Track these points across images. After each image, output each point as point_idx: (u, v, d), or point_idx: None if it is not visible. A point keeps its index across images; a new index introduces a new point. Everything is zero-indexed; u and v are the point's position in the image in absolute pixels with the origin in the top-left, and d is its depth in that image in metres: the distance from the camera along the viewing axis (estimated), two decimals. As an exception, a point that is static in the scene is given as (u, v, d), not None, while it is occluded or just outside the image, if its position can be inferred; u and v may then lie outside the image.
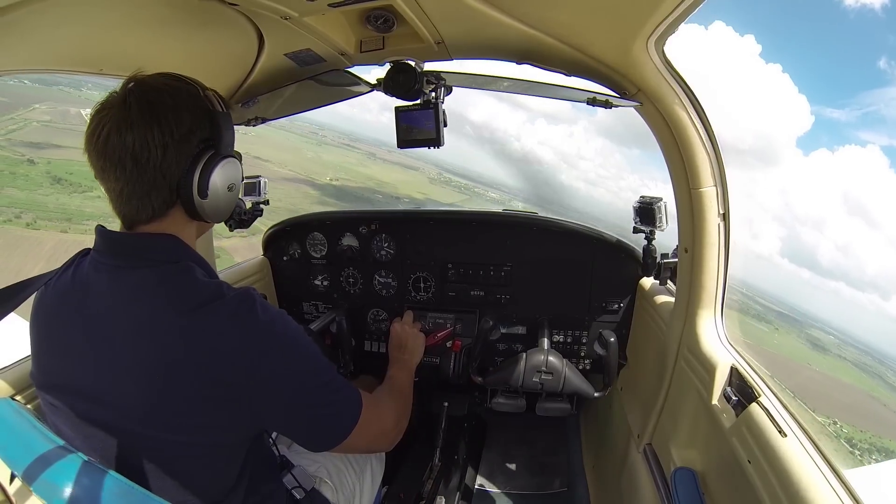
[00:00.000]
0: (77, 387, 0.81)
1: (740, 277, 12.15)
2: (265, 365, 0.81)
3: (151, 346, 0.78)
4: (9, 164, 38.01)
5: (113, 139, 0.78)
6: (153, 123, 0.78)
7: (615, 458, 1.80)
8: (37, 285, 0.91)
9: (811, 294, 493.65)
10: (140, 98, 0.80)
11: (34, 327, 0.88)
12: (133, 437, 0.79)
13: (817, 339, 71.60)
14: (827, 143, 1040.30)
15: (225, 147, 0.88)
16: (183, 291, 0.81)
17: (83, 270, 0.87)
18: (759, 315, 66.52)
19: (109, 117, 0.79)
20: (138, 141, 0.78)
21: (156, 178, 0.81)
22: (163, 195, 0.83)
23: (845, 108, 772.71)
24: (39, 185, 35.18)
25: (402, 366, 1.49)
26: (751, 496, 0.94)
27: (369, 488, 1.42)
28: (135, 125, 0.78)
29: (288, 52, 1.22)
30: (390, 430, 1.10)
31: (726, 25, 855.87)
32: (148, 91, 0.81)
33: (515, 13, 0.95)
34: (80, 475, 0.67)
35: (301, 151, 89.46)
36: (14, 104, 9.63)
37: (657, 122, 1.21)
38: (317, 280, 2.15)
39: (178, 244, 0.88)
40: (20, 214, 29.97)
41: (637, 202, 1.61)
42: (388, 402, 1.16)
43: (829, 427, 41.47)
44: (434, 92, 1.23)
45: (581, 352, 1.99)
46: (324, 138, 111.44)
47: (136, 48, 1.08)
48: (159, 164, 0.80)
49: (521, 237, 1.95)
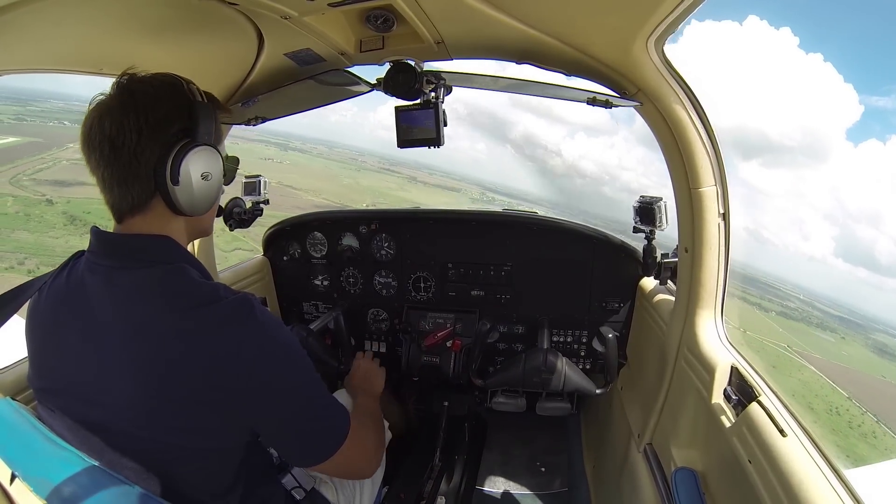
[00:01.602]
0: (73, 389, 0.81)
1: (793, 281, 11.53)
2: (261, 371, 0.81)
3: (148, 348, 0.78)
4: (26, 204, 37.87)
5: (94, 127, 0.80)
6: (130, 109, 0.80)
7: (615, 457, 1.80)
8: (31, 290, 0.91)
9: (870, 294, 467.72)
10: (123, 89, 0.82)
11: (30, 332, 0.89)
12: (129, 439, 0.79)
13: (885, 345, 64.01)
14: (878, 132, 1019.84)
15: (201, 136, 0.87)
16: (179, 293, 0.81)
17: (78, 272, 0.87)
18: (822, 323, 63.37)
19: (97, 110, 0.81)
20: (115, 125, 0.79)
21: (131, 163, 0.81)
22: (140, 183, 0.83)
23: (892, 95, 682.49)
24: (52, 226, 34.86)
25: (368, 395, 1.44)
26: (751, 496, 0.94)
27: (370, 488, 1.42)
28: (113, 111, 0.80)
29: (288, 52, 1.22)
30: (372, 455, 1.09)
31: (760, 19, 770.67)
32: (132, 82, 0.83)
33: (515, 13, 0.95)
34: (81, 475, 0.67)
35: (338, 179, 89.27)
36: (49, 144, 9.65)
37: (657, 122, 1.21)
38: (317, 280, 2.15)
39: (171, 244, 0.88)
40: (24, 260, 29.68)
41: (637, 202, 1.61)
42: (370, 427, 1.15)
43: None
44: (434, 91, 1.23)
45: (581, 351, 1.99)
46: (363, 164, 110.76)
47: (136, 48, 1.08)
48: (133, 148, 0.80)
49: (521, 237, 1.95)
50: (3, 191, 39.55)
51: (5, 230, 33.40)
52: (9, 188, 40.38)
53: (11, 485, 0.73)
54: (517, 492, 2.11)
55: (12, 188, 40.41)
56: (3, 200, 37.80)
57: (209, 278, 0.90)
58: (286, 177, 70.30)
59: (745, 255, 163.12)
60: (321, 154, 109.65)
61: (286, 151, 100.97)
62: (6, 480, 0.73)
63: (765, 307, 64.80)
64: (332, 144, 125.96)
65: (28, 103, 69.66)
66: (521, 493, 2.10)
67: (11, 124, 63.82)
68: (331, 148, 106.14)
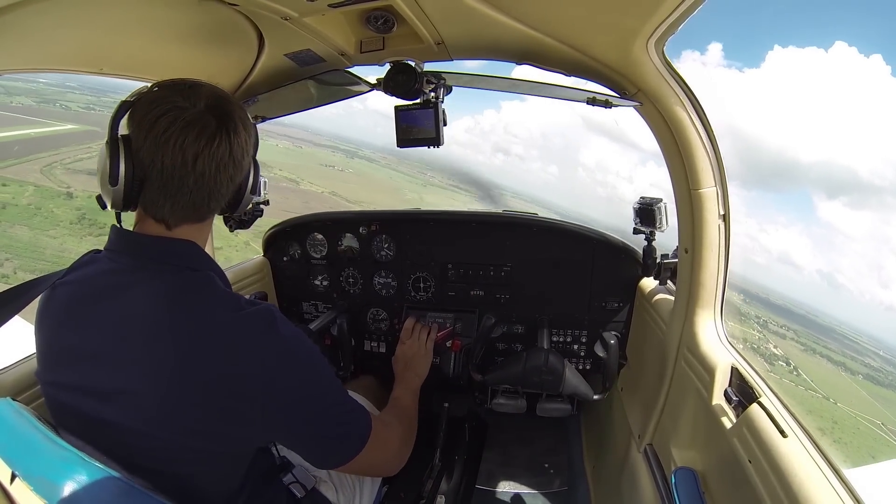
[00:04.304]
0: (88, 386, 0.81)
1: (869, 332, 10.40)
2: (283, 381, 0.82)
3: (170, 352, 0.77)
4: (44, 196, 36.41)
5: (175, 149, 0.79)
6: (224, 151, 0.82)
7: (616, 458, 1.80)
8: (43, 286, 0.90)
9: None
10: (217, 112, 0.82)
11: (42, 327, 0.88)
12: (141, 438, 0.79)
13: None
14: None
15: (255, 155, 0.95)
16: (205, 302, 0.82)
17: (97, 271, 0.86)
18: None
19: (181, 132, 0.79)
20: (206, 163, 0.81)
21: (211, 193, 0.85)
22: (210, 206, 0.87)
23: None
24: (57, 223, 33.63)
25: (406, 386, 1.48)
26: (751, 496, 0.93)
27: (369, 488, 1.42)
28: (201, 148, 0.80)
29: (288, 53, 1.22)
30: (395, 454, 1.11)
31: (849, 46, 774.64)
32: (221, 105, 0.83)
33: (515, 13, 0.95)
34: (81, 475, 0.67)
35: (401, 193, 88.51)
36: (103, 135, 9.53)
37: (657, 123, 1.21)
38: (317, 280, 2.15)
39: (198, 251, 0.88)
40: (3, 262, 28.24)
41: (637, 203, 1.61)
42: (395, 426, 1.15)
43: None
44: (434, 91, 1.23)
45: (581, 352, 1.99)
46: (431, 179, 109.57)
47: (137, 48, 1.08)
48: (215, 183, 0.84)
49: (520, 237, 1.95)
50: (30, 179, 38.30)
51: (5, 223, 32.39)
52: (37, 177, 39.21)
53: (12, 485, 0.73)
54: (517, 492, 2.11)
55: (40, 177, 39.24)
56: (24, 189, 36.50)
57: (230, 287, 0.91)
58: (342, 186, 68.92)
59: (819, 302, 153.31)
60: (388, 165, 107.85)
61: (352, 159, 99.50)
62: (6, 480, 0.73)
63: (851, 368, 59.06)
64: (403, 156, 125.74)
65: (104, 94, 67.98)
66: (521, 493, 2.10)
67: (78, 113, 63.44)
68: (400, 160, 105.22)
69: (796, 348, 64.61)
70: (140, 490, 0.69)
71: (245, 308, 0.82)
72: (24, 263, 28.29)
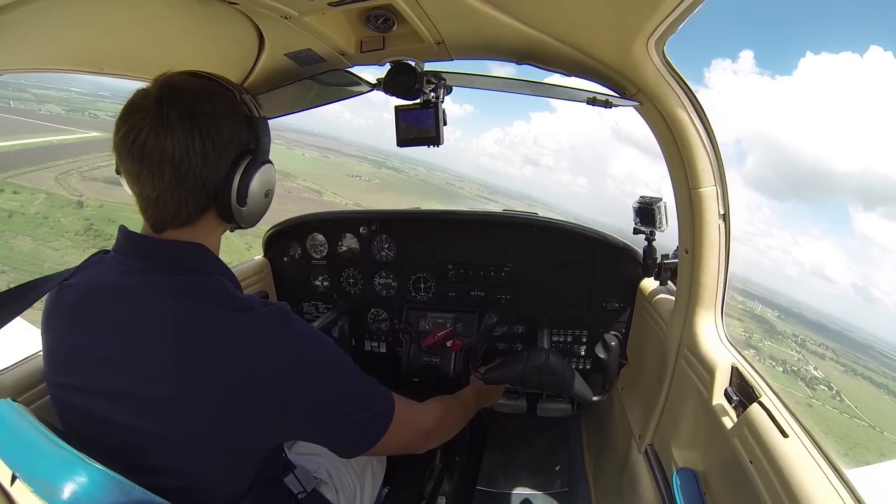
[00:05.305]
0: (98, 388, 0.80)
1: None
2: (301, 378, 0.81)
3: (184, 354, 0.77)
4: (54, 205, 35.67)
5: (150, 145, 0.76)
6: (194, 131, 0.77)
7: (616, 458, 1.80)
8: (49, 286, 0.90)
9: None
10: (177, 103, 0.78)
11: (49, 327, 0.87)
12: (152, 439, 0.78)
13: None
14: None
15: (262, 153, 0.88)
16: (216, 301, 0.81)
17: (106, 272, 0.86)
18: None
19: (146, 122, 0.76)
20: (179, 149, 0.77)
21: (195, 186, 0.80)
22: (200, 202, 0.83)
23: None
24: (62, 234, 32.99)
25: (474, 395, 1.53)
26: (752, 497, 0.93)
27: (370, 489, 1.42)
28: (174, 132, 0.76)
29: (288, 52, 1.22)
30: (425, 431, 1.13)
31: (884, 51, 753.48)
32: (184, 95, 0.79)
33: (515, 13, 0.95)
34: (82, 476, 0.67)
35: (426, 203, 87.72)
36: None
37: (657, 122, 1.21)
38: (317, 280, 2.15)
39: (207, 254, 0.88)
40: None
41: (637, 203, 1.61)
42: (435, 405, 1.20)
43: None
44: (434, 91, 1.23)
45: (581, 352, 1.99)
46: (460, 190, 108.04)
47: (136, 48, 1.08)
48: (199, 173, 0.80)
49: (520, 237, 1.95)
50: (43, 186, 37.70)
51: (8, 233, 31.95)
52: (50, 184, 38.58)
53: (12, 486, 0.73)
54: (517, 492, 2.11)
55: (54, 184, 38.61)
56: (35, 197, 35.93)
57: (240, 289, 0.90)
58: (364, 196, 67.94)
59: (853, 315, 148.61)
60: (417, 175, 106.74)
61: (380, 169, 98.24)
62: (7, 482, 0.73)
63: (894, 391, 57.42)
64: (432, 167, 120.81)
65: (134, 104, 70.01)
66: (522, 494, 2.10)
67: (106, 121, 62.99)
68: (430, 170, 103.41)
69: (836, 369, 62.44)
70: (142, 491, 0.69)
71: (259, 308, 0.82)
72: (20, 277, 27.61)
